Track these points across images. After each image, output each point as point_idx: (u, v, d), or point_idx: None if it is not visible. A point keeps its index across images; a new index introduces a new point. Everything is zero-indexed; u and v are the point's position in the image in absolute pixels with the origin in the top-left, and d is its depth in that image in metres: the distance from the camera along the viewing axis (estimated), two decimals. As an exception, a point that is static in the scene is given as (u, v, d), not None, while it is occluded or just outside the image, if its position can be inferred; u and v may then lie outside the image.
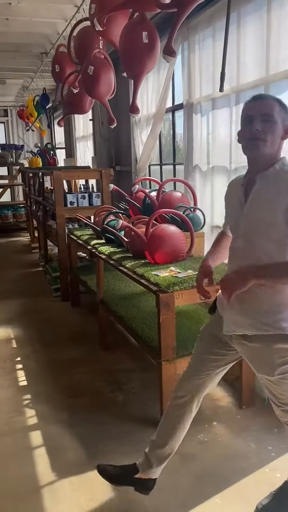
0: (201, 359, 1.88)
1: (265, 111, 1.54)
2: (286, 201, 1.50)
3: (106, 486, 2.16)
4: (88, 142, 7.41)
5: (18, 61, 6.12)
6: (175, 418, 1.95)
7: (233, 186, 1.80)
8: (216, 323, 1.83)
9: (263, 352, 1.65)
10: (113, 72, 3.33)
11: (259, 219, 1.58)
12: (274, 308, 1.61)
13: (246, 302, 1.64)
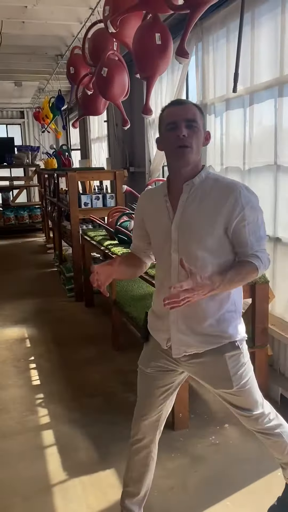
0: (151, 395, 1.74)
1: (189, 117, 1.49)
2: (225, 212, 1.48)
3: (117, 487, 2.17)
4: (102, 143, 7.45)
5: (34, 63, 6.19)
6: (140, 465, 1.84)
7: (149, 199, 1.68)
8: (153, 351, 1.70)
9: (216, 366, 1.61)
10: (126, 73, 3.34)
11: (195, 229, 1.52)
12: (219, 318, 1.58)
13: (191, 319, 1.58)
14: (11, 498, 2.13)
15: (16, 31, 4.68)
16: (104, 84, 3.26)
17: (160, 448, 2.42)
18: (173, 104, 1.56)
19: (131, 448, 1.83)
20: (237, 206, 1.47)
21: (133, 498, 1.87)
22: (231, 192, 1.49)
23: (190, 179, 1.54)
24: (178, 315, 1.57)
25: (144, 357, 1.76)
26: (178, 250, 1.54)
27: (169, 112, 1.53)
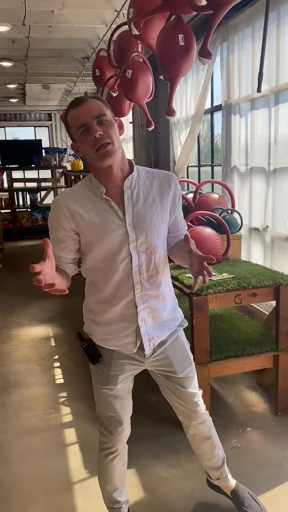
0: (125, 407, 1.72)
1: (96, 113, 1.42)
2: (170, 199, 1.55)
3: (137, 486, 2.19)
4: (128, 144, 7.49)
5: (61, 66, 6.28)
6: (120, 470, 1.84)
7: (79, 204, 1.49)
8: (115, 366, 1.64)
9: (176, 347, 1.70)
10: (151, 75, 3.34)
11: (151, 223, 1.51)
12: (172, 302, 1.68)
13: (156, 311, 1.61)
14: (34, 494, 2.17)
15: (44, 35, 4.76)
16: (128, 86, 3.27)
17: (180, 449, 2.44)
18: (75, 105, 1.44)
19: (111, 459, 1.77)
20: (177, 192, 1.57)
21: (123, 488, 1.91)
22: (170, 180, 1.57)
23: (129, 175, 1.52)
24: (145, 313, 1.58)
25: (106, 379, 1.65)
26: (137, 247, 1.51)
27: (74, 114, 1.44)
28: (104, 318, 1.61)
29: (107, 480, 1.83)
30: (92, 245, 1.51)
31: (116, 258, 1.51)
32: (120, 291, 1.55)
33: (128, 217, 1.50)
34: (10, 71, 6.40)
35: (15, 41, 4.97)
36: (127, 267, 1.52)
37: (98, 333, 1.64)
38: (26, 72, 6.56)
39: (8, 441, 2.59)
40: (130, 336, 1.59)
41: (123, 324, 1.59)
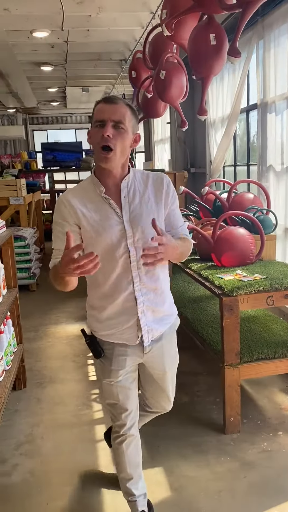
0: (128, 395, 1.78)
1: (116, 118, 1.52)
2: (163, 196, 1.65)
3: (163, 485, 2.20)
4: (165, 145, 7.50)
5: (100, 69, 6.38)
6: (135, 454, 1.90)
7: (80, 201, 1.61)
8: (116, 359, 1.71)
9: (171, 342, 1.82)
10: (185, 75, 3.35)
11: (146, 219, 1.59)
12: (170, 298, 1.80)
13: (156, 305, 1.70)
14: (63, 487, 2.23)
15: (82, 39, 4.86)
16: (162, 86, 3.29)
17: (209, 450, 2.43)
18: (105, 101, 1.56)
19: (122, 444, 1.85)
20: (169, 191, 1.67)
21: (140, 480, 1.94)
22: (163, 180, 1.67)
23: (126, 176, 1.64)
24: (145, 305, 1.66)
25: (108, 372, 1.73)
26: (134, 243, 1.60)
27: (99, 108, 1.55)
28: (106, 313, 1.69)
29: (121, 468, 1.90)
30: (92, 239, 1.60)
31: (114, 254, 1.60)
32: (120, 285, 1.64)
33: (125, 214, 1.61)
34: (50, 75, 6.57)
35: (55, 46, 5.11)
36: (126, 262, 1.61)
37: (100, 329, 1.73)
38: (66, 76, 6.71)
39: (41, 434, 2.67)
40: (131, 329, 1.68)
41: (124, 317, 1.67)
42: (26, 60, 5.72)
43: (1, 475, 2.32)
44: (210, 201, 3.74)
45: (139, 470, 1.93)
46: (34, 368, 3.54)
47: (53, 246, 1.64)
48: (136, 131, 1.61)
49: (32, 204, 6.92)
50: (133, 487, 1.90)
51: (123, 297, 1.65)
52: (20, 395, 3.14)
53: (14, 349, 3.08)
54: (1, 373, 2.68)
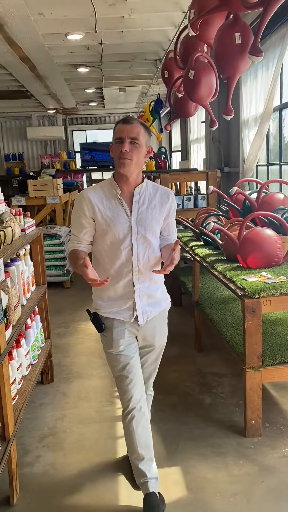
0: (129, 366, 2.01)
1: (133, 136, 1.87)
2: (166, 208, 2.00)
3: (180, 484, 2.20)
4: (201, 144, 7.45)
5: (135, 69, 6.43)
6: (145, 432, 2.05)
7: (99, 199, 1.95)
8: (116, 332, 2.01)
9: (162, 321, 2.13)
10: (215, 75, 3.32)
11: (149, 222, 1.95)
12: (162, 286, 2.11)
13: (150, 291, 2.02)
14: (82, 481, 2.28)
15: (116, 41, 4.92)
16: (191, 86, 3.28)
17: (228, 452, 2.42)
18: (123, 122, 1.91)
19: (130, 420, 2.01)
20: (172, 205, 2.04)
21: (151, 462, 2.06)
22: (169, 196, 2.03)
23: (139, 184, 1.97)
24: (141, 292, 2.00)
25: (110, 343, 2.03)
26: (137, 239, 1.95)
27: (118, 128, 1.91)
28: (108, 294, 2.02)
29: (132, 448, 2.04)
30: (103, 231, 1.95)
31: (120, 246, 1.94)
32: (121, 272, 1.97)
33: (133, 215, 1.95)
34: (87, 76, 6.69)
35: (90, 48, 5.20)
36: (128, 254, 1.96)
37: (102, 307, 2.05)
38: (103, 77, 6.80)
39: (65, 428, 2.74)
40: (128, 310, 2.01)
41: (123, 299, 2.00)
42: (63, 62, 5.85)
43: (24, 466, 2.40)
44: (240, 201, 3.69)
45: (150, 452, 2.06)
46: (62, 363, 3.63)
47: (71, 231, 2.03)
48: (148, 144, 1.96)
49: (69, 203, 7.07)
50: (145, 468, 2.01)
51: (123, 282, 1.98)
52: (47, 389, 3.23)
53: (42, 344, 3.17)
54: (27, 367, 2.77)
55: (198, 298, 3.62)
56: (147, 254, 1.97)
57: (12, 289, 2.34)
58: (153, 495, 1.96)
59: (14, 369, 2.46)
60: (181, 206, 5.00)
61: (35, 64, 5.68)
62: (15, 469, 2.15)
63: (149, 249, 1.98)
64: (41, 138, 10.82)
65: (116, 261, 1.96)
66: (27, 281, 2.89)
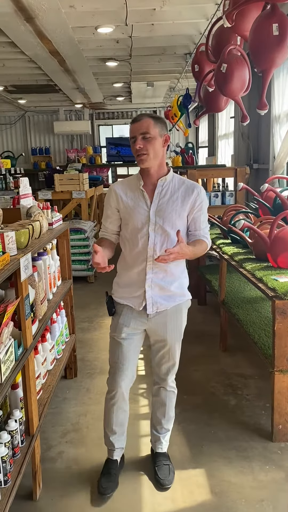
0: (127, 356, 2.11)
1: (143, 131, 1.92)
2: (190, 202, 1.99)
3: (205, 488, 2.16)
4: (229, 140, 7.33)
5: (164, 63, 6.34)
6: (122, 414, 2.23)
7: (123, 190, 2.05)
8: (123, 318, 2.08)
9: (177, 317, 2.10)
10: (248, 68, 3.22)
11: (168, 214, 1.97)
12: (181, 281, 2.09)
13: (164, 282, 2.02)
14: (104, 478, 2.26)
15: (146, 34, 4.85)
16: (223, 80, 3.20)
17: (254, 457, 2.36)
18: (133, 121, 1.97)
19: (112, 404, 2.18)
20: (198, 200, 2.01)
21: (122, 436, 2.27)
22: (194, 190, 2.01)
23: (163, 176, 2.01)
24: (152, 281, 2.02)
25: (115, 327, 2.11)
26: (155, 229, 1.98)
27: (130, 128, 1.98)
28: (123, 280, 2.09)
29: (107, 423, 2.24)
30: (125, 220, 2.04)
31: (138, 234, 2.00)
32: (137, 260, 2.02)
33: (153, 206, 2.00)
34: (115, 70, 6.64)
35: (119, 41, 5.15)
36: (145, 243, 2.00)
37: (117, 292, 2.12)
38: (131, 71, 6.75)
39: (87, 424, 2.72)
40: (138, 298, 2.05)
41: (135, 286, 2.05)
42: (92, 56, 5.82)
43: (47, 461, 2.39)
44: (271, 198, 3.59)
45: (124, 428, 2.26)
46: (85, 359, 3.63)
47: (102, 221, 2.14)
48: (164, 133, 1.98)
49: (94, 198, 7.07)
50: (115, 441, 2.24)
51: (137, 270, 2.03)
52: (71, 384, 3.23)
53: (66, 338, 3.17)
54: (52, 361, 2.76)
55: (224, 297, 3.55)
56: (165, 246, 1.96)
57: (39, 284, 2.33)
58: (115, 462, 2.26)
59: (39, 364, 2.46)
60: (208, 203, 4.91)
61: (65, 58, 5.67)
62: (38, 464, 2.14)
63: (168, 241, 1.98)
64: (68, 132, 10.84)
65: (134, 249, 2.02)
66: (54, 275, 2.88)
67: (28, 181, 2.76)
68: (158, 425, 2.31)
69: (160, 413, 2.29)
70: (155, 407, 2.31)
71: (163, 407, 2.28)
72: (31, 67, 6.30)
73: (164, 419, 2.28)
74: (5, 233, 1.88)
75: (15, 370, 1.81)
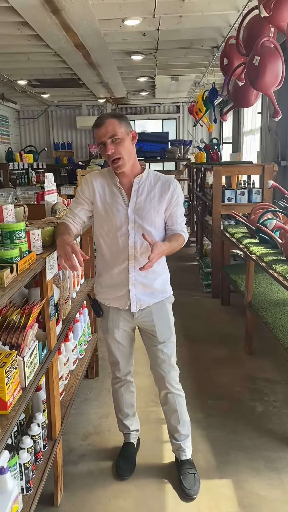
0: (124, 350, 2.19)
1: (110, 134, 1.86)
2: (167, 198, 1.97)
3: (232, 500, 2.07)
4: (255, 136, 7.15)
5: (190, 57, 6.20)
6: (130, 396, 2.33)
7: (100, 184, 2.00)
8: (112, 318, 2.09)
9: (161, 312, 2.09)
10: (281, 61, 3.09)
11: (147, 212, 1.95)
12: (163, 278, 2.09)
13: (147, 280, 2.01)
14: (127, 485, 2.19)
15: (173, 26, 4.73)
16: (255, 73, 3.07)
17: (283, 468, 2.28)
18: (97, 125, 1.89)
19: (119, 387, 2.29)
20: (174, 194, 1.99)
21: (134, 417, 2.37)
22: (170, 185, 1.99)
23: (139, 174, 1.98)
24: (136, 280, 2.00)
25: (106, 329, 2.15)
26: (134, 228, 1.95)
27: (96, 134, 1.91)
28: (105, 280, 2.06)
29: (118, 408, 2.34)
30: (102, 217, 1.99)
31: (117, 233, 1.96)
32: (118, 259, 1.99)
33: (131, 204, 1.96)
34: (140, 64, 6.53)
35: (146, 34, 5.04)
36: (125, 242, 1.96)
37: (100, 293, 2.11)
38: (156, 65, 6.63)
39: (109, 427, 2.65)
40: (123, 297, 2.03)
41: (118, 286, 2.03)
42: (117, 50, 5.72)
43: (68, 464, 2.33)
44: (301, 197, 3.45)
45: (134, 409, 2.36)
46: (106, 357, 3.55)
47: (69, 207, 2.10)
48: (130, 130, 1.92)
49: (116, 194, 6.99)
50: (128, 423, 2.33)
51: (118, 269, 2.00)
52: (92, 383, 3.17)
53: (89, 338, 3.11)
54: (74, 361, 2.70)
55: (251, 299, 3.44)
56: (145, 243, 1.93)
57: (63, 283, 2.26)
58: (132, 445, 2.37)
59: (62, 364, 2.40)
60: (233, 201, 4.79)
61: (89, 51, 5.58)
62: (60, 468, 2.08)
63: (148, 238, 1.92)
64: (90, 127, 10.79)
65: (113, 248, 1.99)
66: (77, 273, 2.81)
67: (53, 176, 2.70)
68: (175, 433, 2.24)
69: (174, 420, 2.22)
70: (167, 415, 2.24)
71: (175, 414, 2.21)
72: (56, 60, 6.24)
73: (179, 425, 2.22)
74: (31, 231, 1.82)
75: (39, 374, 1.75)
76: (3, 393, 1.45)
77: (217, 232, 4.71)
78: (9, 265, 1.53)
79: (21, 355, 1.62)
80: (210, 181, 5.96)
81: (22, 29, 4.68)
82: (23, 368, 1.60)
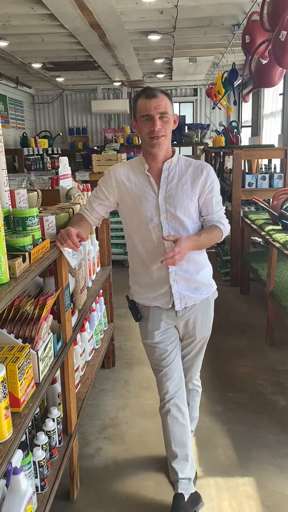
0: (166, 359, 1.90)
1: (162, 110, 1.71)
2: (200, 184, 1.79)
3: (255, 500, 1.98)
4: (276, 118, 6.91)
5: (209, 36, 5.97)
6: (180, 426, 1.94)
7: (125, 175, 1.83)
8: (152, 321, 1.88)
9: (207, 310, 1.92)
10: (309, 35, 2.90)
11: (179, 200, 1.77)
12: (206, 270, 1.91)
13: (188, 273, 1.83)
14: (144, 481, 2.12)
15: (193, 2, 4.52)
16: (282, 49, 2.89)
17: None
18: (147, 96, 1.72)
19: (165, 413, 1.92)
20: (208, 180, 1.81)
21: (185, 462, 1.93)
22: (203, 169, 1.81)
23: (169, 159, 1.80)
24: (177, 275, 1.82)
25: (146, 333, 1.92)
26: (167, 218, 1.78)
27: (143, 104, 1.73)
28: (143, 279, 1.88)
29: (167, 444, 1.96)
30: (130, 210, 1.82)
31: (148, 226, 1.79)
32: (154, 255, 1.81)
33: (161, 192, 1.79)
34: (157, 45, 6.32)
35: (163, 12, 4.84)
36: (159, 235, 1.78)
37: (140, 293, 1.91)
38: (174, 45, 6.41)
39: (127, 419, 2.58)
40: (165, 295, 1.84)
41: (158, 284, 1.84)
42: (133, 29, 5.53)
43: (84, 458, 2.27)
44: None
45: (186, 450, 1.94)
46: (123, 347, 3.49)
47: (90, 199, 1.92)
48: (174, 113, 1.79)
49: (132, 179, 6.85)
50: (178, 467, 1.92)
51: (156, 266, 1.82)
52: (108, 374, 3.10)
53: (105, 327, 3.03)
54: (90, 352, 2.63)
55: (273, 288, 3.31)
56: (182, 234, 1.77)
57: (79, 272, 2.16)
58: (181, 496, 1.88)
59: (78, 355, 2.32)
60: (254, 186, 4.62)
61: (105, 31, 5.41)
62: (76, 464, 2.02)
63: (183, 229, 1.79)
64: (106, 111, 10.58)
65: (147, 244, 1.82)
66: (93, 261, 2.72)
67: (67, 160, 2.59)
68: None
69: None
70: None
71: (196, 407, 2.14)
72: (70, 42, 6.07)
73: None
74: (44, 217, 1.72)
75: (54, 367, 1.66)
76: (16, 389, 1.36)
77: (237, 218, 4.56)
78: (22, 254, 1.43)
79: (35, 348, 1.54)
80: (229, 166, 5.78)
81: (36, 8, 4.54)
82: (37, 363, 1.52)
